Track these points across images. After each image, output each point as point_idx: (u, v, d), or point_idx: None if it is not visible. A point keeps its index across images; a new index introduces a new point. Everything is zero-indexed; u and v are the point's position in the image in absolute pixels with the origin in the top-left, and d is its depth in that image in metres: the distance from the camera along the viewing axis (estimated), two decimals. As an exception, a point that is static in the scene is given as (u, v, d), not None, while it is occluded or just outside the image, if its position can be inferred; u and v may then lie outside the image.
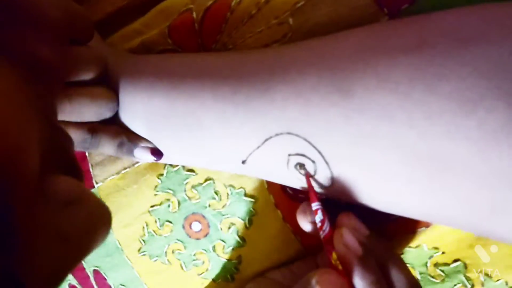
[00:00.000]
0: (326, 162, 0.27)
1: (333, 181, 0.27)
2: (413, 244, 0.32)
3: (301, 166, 0.28)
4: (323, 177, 0.28)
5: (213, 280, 0.38)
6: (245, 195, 0.35)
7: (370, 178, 0.26)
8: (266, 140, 0.28)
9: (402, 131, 0.24)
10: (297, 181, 0.29)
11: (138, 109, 0.32)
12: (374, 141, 0.25)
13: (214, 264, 0.38)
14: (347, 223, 0.28)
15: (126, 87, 0.32)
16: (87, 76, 0.30)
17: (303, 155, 0.27)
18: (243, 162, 0.30)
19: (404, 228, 0.32)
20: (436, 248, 0.32)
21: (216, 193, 0.36)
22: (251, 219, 0.36)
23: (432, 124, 0.23)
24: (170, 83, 0.31)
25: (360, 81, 0.25)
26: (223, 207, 0.36)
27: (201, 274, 0.38)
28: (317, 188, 0.29)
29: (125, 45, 0.37)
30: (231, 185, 0.36)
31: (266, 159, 0.29)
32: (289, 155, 0.28)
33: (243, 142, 0.29)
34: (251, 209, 0.35)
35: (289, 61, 0.28)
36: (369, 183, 0.26)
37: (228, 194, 0.36)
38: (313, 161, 0.27)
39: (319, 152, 0.27)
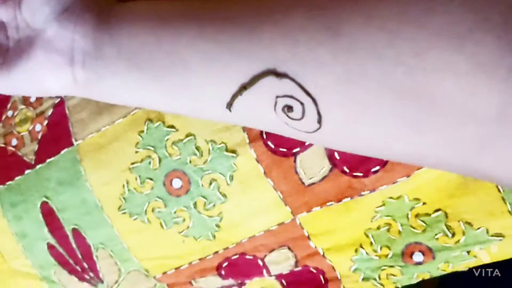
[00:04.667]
0: (315, 104, 0.26)
1: (322, 124, 0.27)
2: (394, 195, 0.32)
3: (289, 108, 0.27)
4: (311, 119, 0.27)
5: (194, 238, 0.38)
6: (226, 150, 0.35)
7: (360, 119, 0.26)
8: (252, 81, 0.28)
9: (390, 69, 0.24)
10: (285, 126, 0.29)
11: (123, 42, 0.31)
12: (363, 80, 0.24)
13: (195, 221, 0.37)
14: None
15: (113, 22, 0.32)
16: None
17: (291, 96, 0.27)
18: (229, 105, 0.29)
19: (385, 179, 0.32)
20: (417, 199, 0.32)
21: (197, 148, 0.36)
22: (232, 175, 0.35)
23: (420, 61, 0.23)
24: (157, 20, 0.30)
25: (348, 19, 0.25)
26: (204, 163, 0.36)
27: (181, 232, 0.38)
28: (305, 132, 0.28)
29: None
30: (212, 140, 0.35)
31: (252, 103, 0.28)
32: (277, 97, 0.27)
33: (228, 85, 0.29)
34: (232, 164, 0.35)
35: (275, 1, 0.28)
36: (359, 124, 0.26)
37: (209, 149, 0.35)
38: (302, 103, 0.27)
39: (308, 93, 0.26)
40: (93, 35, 0.32)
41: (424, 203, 0.32)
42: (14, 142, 0.42)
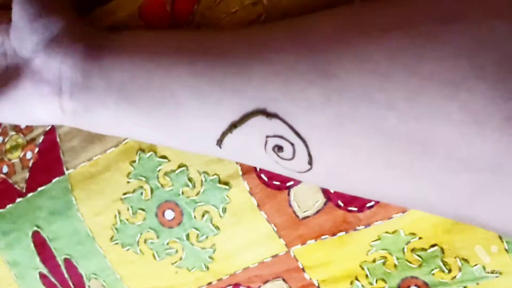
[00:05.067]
0: (306, 145, 0.26)
1: (313, 165, 0.26)
2: (390, 229, 0.32)
3: (279, 148, 0.27)
4: (302, 160, 0.27)
5: (188, 269, 0.37)
6: (219, 182, 0.35)
7: (351, 162, 0.25)
8: (242, 119, 0.27)
9: (381, 113, 0.23)
10: (276, 165, 0.28)
11: (114, 76, 0.31)
12: (354, 124, 0.24)
13: (188, 253, 0.37)
14: None
15: (103, 54, 0.31)
16: None
17: (281, 137, 0.26)
18: (219, 142, 0.29)
19: (380, 215, 0.31)
20: (413, 233, 0.31)
21: (189, 180, 0.35)
22: (225, 207, 0.35)
23: (412, 106, 0.22)
24: (148, 53, 0.30)
25: (339, 62, 0.24)
26: (196, 194, 0.35)
27: (174, 263, 0.37)
28: (296, 172, 0.28)
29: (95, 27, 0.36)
30: (205, 172, 0.35)
31: (242, 141, 0.28)
32: (267, 136, 0.27)
33: (219, 122, 0.28)
34: (225, 196, 0.34)
35: (266, 39, 0.27)
36: (350, 167, 0.25)
37: (202, 181, 0.35)
38: (292, 144, 0.26)
39: (298, 134, 0.26)
40: (81, 67, 0.32)
41: (420, 238, 0.31)
42: (5, 169, 0.42)
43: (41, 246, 0.40)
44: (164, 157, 0.36)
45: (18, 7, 0.32)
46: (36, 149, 0.40)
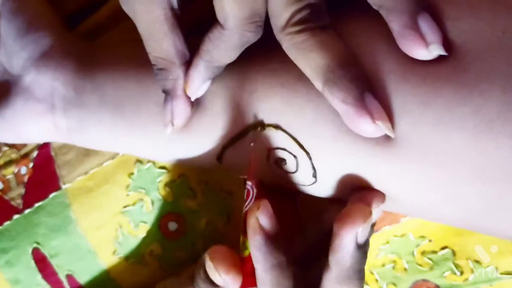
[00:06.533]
0: (309, 157, 0.25)
1: (316, 177, 0.26)
2: (398, 233, 0.31)
3: (282, 161, 0.26)
4: (305, 173, 0.26)
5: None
6: (221, 190, 0.34)
7: (356, 172, 0.24)
8: (244, 133, 0.26)
9: (393, 119, 0.22)
10: (280, 178, 0.27)
11: (108, 93, 0.30)
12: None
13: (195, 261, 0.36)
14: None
15: (95, 68, 0.30)
16: None
17: (284, 149, 0.25)
18: (219, 157, 0.28)
19: (388, 220, 0.31)
20: (422, 236, 0.31)
21: (190, 189, 0.34)
22: (229, 214, 0.34)
23: (425, 110, 0.21)
24: (143, 68, 0.29)
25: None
26: (199, 204, 0.34)
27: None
28: (299, 185, 0.27)
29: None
30: (205, 181, 0.34)
31: (244, 155, 0.27)
32: (270, 149, 0.26)
33: (220, 135, 0.27)
34: (228, 204, 0.34)
35: (272, 50, 0.25)
36: (355, 178, 0.24)
37: (203, 190, 0.34)
38: (295, 156, 0.25)
39: (301, 146, 0.25)
40: (74, 83, 0.31)
41: (430, 241, 0.31)
42: (0, 185, 0.41)
43: (41, 262, 0.39)
44: (163, 167, 0.35)
45: (4, 23, 0.31)
46: (31, 164, 0.39)
